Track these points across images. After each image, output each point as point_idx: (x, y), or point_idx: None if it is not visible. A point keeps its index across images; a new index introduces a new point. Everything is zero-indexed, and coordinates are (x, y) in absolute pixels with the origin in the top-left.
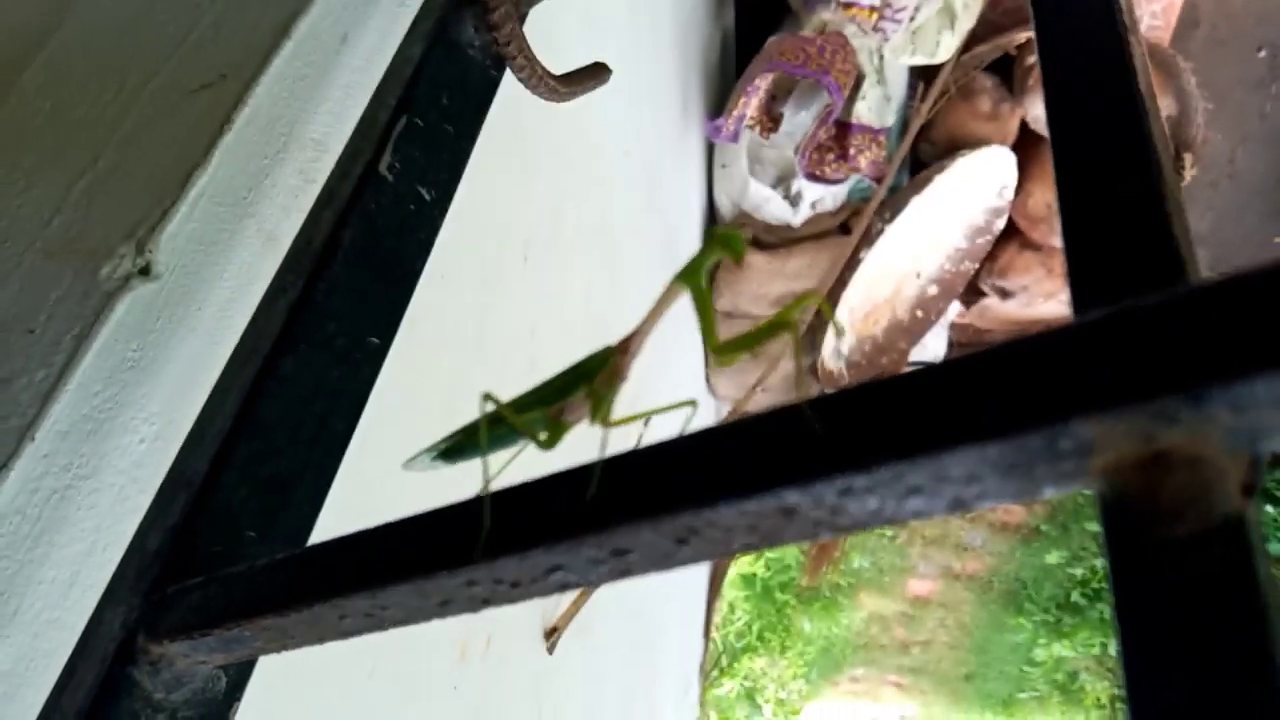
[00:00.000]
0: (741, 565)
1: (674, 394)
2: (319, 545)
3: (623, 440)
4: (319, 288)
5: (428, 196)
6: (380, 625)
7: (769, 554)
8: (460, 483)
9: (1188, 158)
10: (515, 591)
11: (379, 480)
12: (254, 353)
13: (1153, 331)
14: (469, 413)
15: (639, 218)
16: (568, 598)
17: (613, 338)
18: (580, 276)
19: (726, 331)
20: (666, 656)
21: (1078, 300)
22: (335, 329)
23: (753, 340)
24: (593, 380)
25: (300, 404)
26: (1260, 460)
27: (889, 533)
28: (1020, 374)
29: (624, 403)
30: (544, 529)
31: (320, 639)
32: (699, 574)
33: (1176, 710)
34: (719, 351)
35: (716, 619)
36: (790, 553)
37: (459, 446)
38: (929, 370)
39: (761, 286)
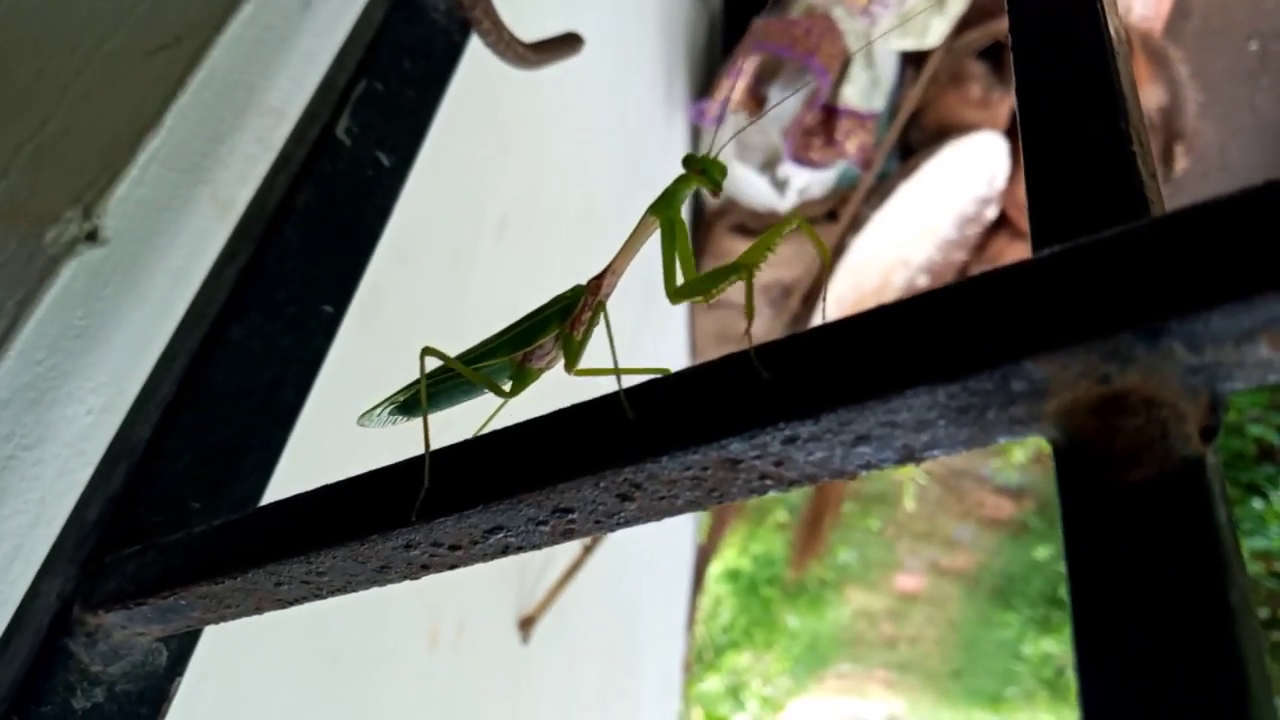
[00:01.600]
0: (727, 560)
1: None
2: (255, 511)
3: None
4: (270, 254)
5: (387, 162)
6: (319, 593)
7: (754, 548)
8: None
9: (1179, 148)
10: (456, 555)
11: (344, 454)
12: (201, 319)
13: (1105, 266)
14: None
15: (622, 198)
16: (543, 586)
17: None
18: (560, 255)
19: (713, 320)
20: (648, 650)
21: (1037, 239)
22: (287, 295)
23: (710, 281)
24: (563, 323)
25: (249, 371)
26: (1220, 401)
27: (875, 526)
28: (971, 313)
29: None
30: (482, 488)
31: (258, 608)
32: (681, 566)
33: (1131, 676)
34: (676, 293)
35: (700, 614)
36: (776, 547)
37: (417, 399)
38: (877, 312)
39: None
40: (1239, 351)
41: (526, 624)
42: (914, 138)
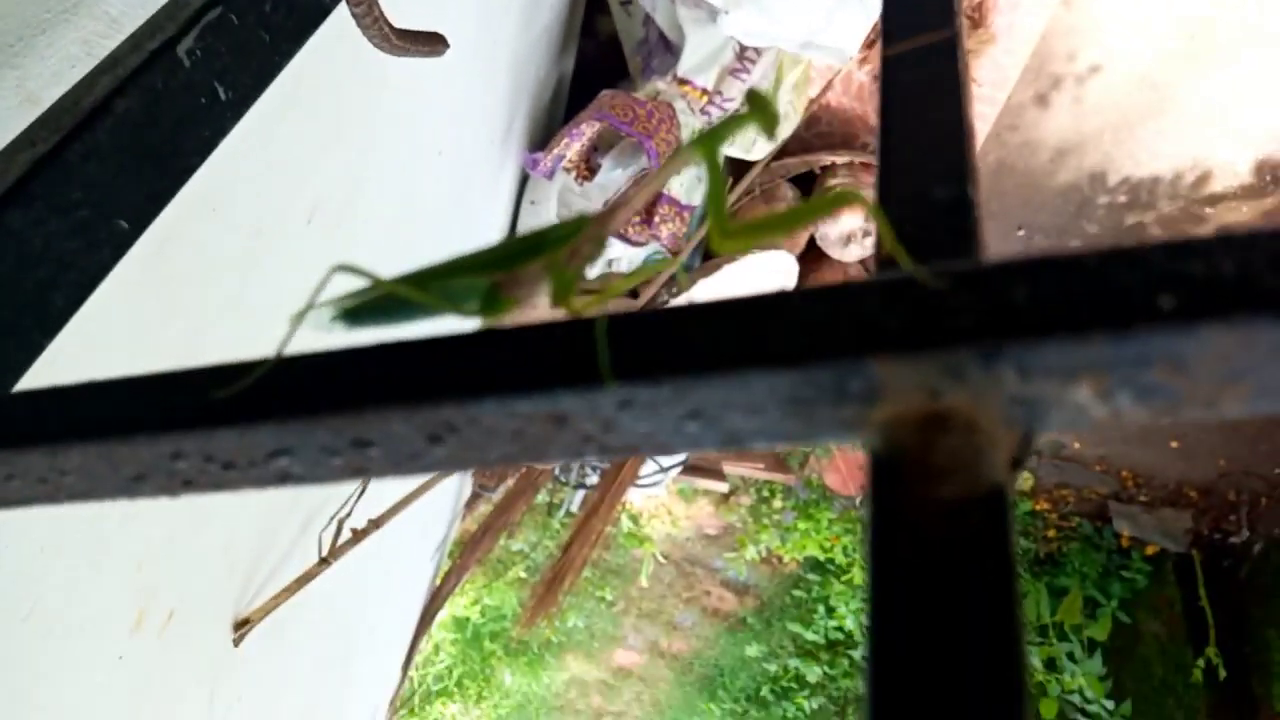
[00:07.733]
0: (456, 607)
1: None
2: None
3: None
4: (74, 148)
5: (224, 95)
6: (55, 496)
7: (486, 600)
8: None
9: None
10: (227, 475)
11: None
12: None
13: (958, 288)
14: (211, 352)
15: (440, 220)
16: (268, 590)
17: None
18: (367, 259)
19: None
20: (360, 681)
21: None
22: (82, 197)
23: (758, 233)
24: (556, 251)
25: (20, 265)
26: (1030, 437)
27: (608, 597)
28: (823, 309)
29: None
30: (280, 401)
31: None
32: (414, 604)
33: (915, 667)
34: (725, 238)
35: (419, 656)
36: (509, 602)
37: (364, 309)
38: (734, 302)
39: None
40: (1062, 389)
41: (241, 625)
42: None
